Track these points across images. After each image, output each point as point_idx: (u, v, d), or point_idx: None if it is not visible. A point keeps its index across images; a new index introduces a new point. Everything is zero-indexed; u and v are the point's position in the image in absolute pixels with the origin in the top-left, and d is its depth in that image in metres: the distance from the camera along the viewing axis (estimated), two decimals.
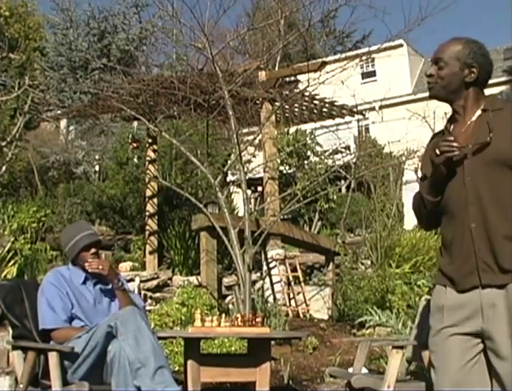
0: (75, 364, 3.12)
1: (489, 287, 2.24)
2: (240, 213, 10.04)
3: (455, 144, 2.27)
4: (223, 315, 3.78)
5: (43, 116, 15.97)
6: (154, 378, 2.87)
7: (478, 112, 2.36)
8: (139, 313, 3.13)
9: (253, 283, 7.63)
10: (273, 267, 7.96)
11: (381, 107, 15.09)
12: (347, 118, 10.40)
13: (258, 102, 8.14)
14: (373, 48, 8.50)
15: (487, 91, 2.44)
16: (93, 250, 3.43)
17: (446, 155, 2.29)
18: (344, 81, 6.88)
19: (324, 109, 9.31)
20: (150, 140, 9.72)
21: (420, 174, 2.62)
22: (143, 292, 7.73)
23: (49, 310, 3.26)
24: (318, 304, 8.40)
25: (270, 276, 7.94)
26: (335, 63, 7.31)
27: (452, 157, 2.29)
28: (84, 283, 3.43)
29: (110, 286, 3.50)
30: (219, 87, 6.77)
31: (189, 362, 3.63)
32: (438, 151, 2.31)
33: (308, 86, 7.14)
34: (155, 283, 8.02)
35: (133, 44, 18.54)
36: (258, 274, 8.43)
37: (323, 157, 15.17)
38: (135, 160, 12.18)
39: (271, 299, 7.46)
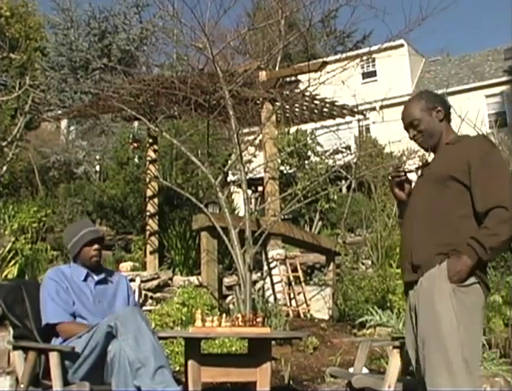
0: (75, 364, 3.12)
1: (410, 287, 2.71)
2: (241, 213, 10.04)
3: (401, 170, 2.84)
4: (224, 315, 3.77)
5: (44, 116, 15.97)
6: (154, 378, 2.87)
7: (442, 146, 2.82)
8: (140, 313, 3.13)
9: (254, 283, 7.63)
10: (274, 267, 7.95)
11: (381, 107, 15.09)
12: (348, 118, 10.39)
13: (258, 102, 8.14)
14: (374, 48, 8.47)
15: (489, 91, 2.56)
16: (96, 246, 3.44)
17: (395, 179, 2.85)
18: (345, 81, 6.87)
19: (325, 109, 9.30)
20: (151, 140, 9.72)
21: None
22: (143, 292, 7.73)
23: (51, 305, 3.27)
24: (318, 304, 8.39)
25: (270, 276, 7.94)
26: (336, 63, 7.29)
27: (409, 183, 2.83)
28: (85, 280, 3.44)
29: (111, 287, 3.51)
30: (220, 87, 6.77)
31: (190, 362, 3.62)
32: (390, 177, 2.88)
33: (309, 86, 7.13)
34: (155, 283, 8.01)
35: (133, 44, 18.53)
36: (259, 274, 8.43)
37: (323, 157, 15.17)
38: (136, 160, 12.18)
39: (271, 299, 7.46)
